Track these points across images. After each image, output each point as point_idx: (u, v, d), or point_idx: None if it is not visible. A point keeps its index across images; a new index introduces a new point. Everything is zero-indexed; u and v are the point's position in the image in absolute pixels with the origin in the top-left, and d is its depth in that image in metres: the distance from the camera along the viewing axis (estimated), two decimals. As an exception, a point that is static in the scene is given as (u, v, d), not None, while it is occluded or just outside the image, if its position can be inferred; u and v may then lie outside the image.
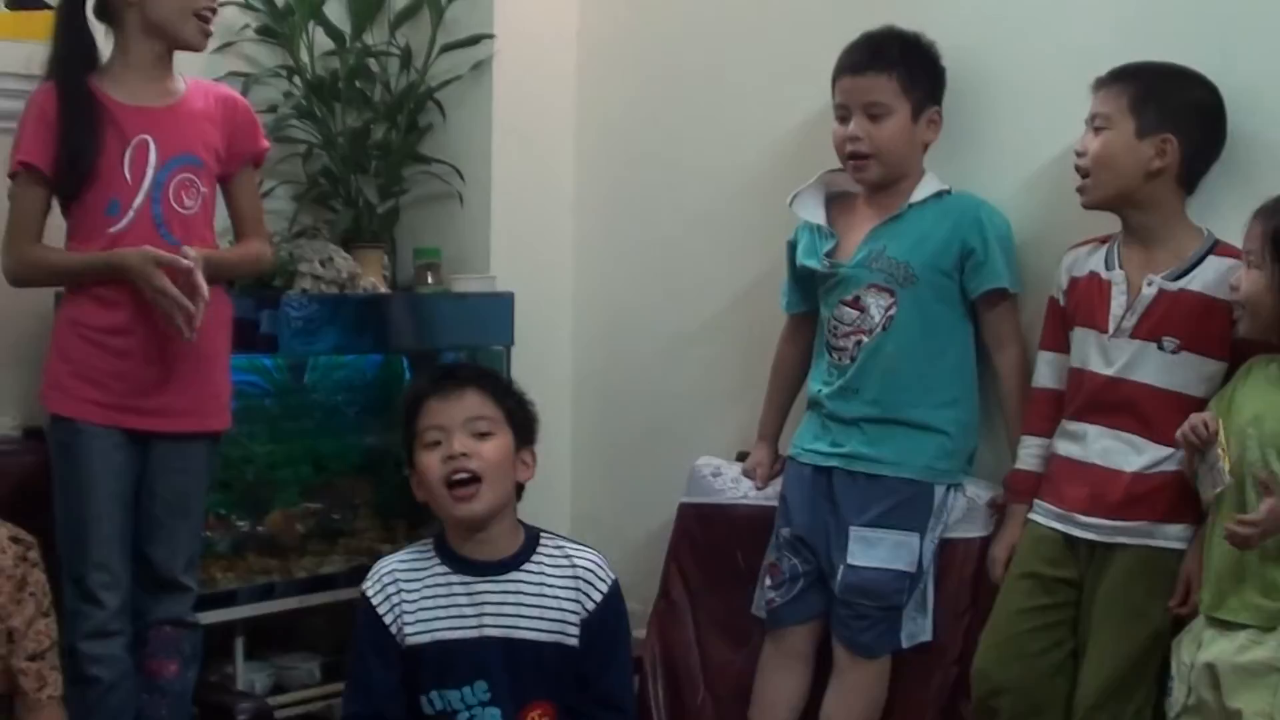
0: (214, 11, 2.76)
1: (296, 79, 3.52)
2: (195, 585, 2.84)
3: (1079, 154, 2.61)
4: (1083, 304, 2.65)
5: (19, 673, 2.46)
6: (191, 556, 2.83)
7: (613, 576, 2.52)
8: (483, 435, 2.45)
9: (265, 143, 2.94)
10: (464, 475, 2.42)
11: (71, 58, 2.73)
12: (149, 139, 2.71)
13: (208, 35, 2.77)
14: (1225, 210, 2.54)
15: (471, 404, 2.48)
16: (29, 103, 2.73)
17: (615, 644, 2.56)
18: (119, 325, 2.69)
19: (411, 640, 2.48)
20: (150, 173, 2.71)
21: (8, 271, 2.75)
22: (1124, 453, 2.54)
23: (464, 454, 2.43)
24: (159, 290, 2.60)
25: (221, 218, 2.89)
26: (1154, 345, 2.53)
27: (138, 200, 2.70)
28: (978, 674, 2.65)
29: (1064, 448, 2.64)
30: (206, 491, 2.89)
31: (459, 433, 2.44)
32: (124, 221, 2.69)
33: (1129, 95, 2.55)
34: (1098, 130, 2.57)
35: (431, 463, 2.45)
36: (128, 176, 2.70)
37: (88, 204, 2.70)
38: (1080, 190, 2.62)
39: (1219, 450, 2.31)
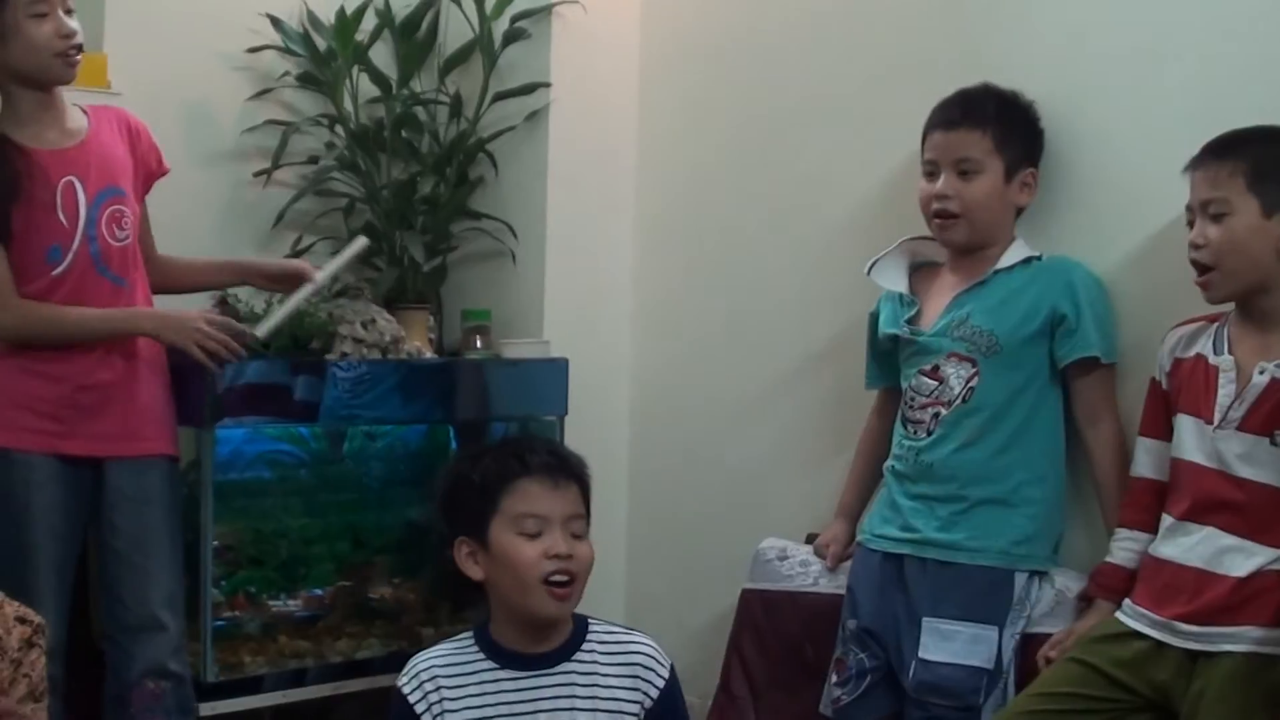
0: (77, 48, 2.91)
1: (339, 128, 3.61)
2: (177, 624, 2.96)
3: (1196, 245, 2.55)
4: (1187, 389, 2.61)
5: None
6: (171, 593, 2.96)
7: (669, 662, 2.52)
8: (578, 536, 2.46)
9: (167, 165, 3.11)
10: (564, 578, 2.43)
11: None
12: (74, 179, 2.91)
13: (75, 65, 2.94)
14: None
15: (573, 500, 2.47)
16: None
17: None
18: (52, 352, 2.88)
19: None
20: (83, 212, 2.91)
21: (7, 330, 2.88)
22: (1230, 556, 2.49)
23: (570, 555, 2.42)
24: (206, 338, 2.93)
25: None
26: (1266, 440, 2.48)
27: (75, 243, 2.90)
28: None
29: (1163, 548, 2.60)
30: (177, 525, 3.03)
31: (559, 529, 2.43)
32: (64, 264, 2.90)
33: (1244, 172, 2.50)
34: (1215, 217, 2.52)
35: (530, 555, 2.41)
36: (63, 220, 2.90)
37: (30, 252, 2.88)
38: (1205, 286, 2.55)
39: None
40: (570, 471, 2.49)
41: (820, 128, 3.38)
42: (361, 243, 3.28)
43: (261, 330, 3.07)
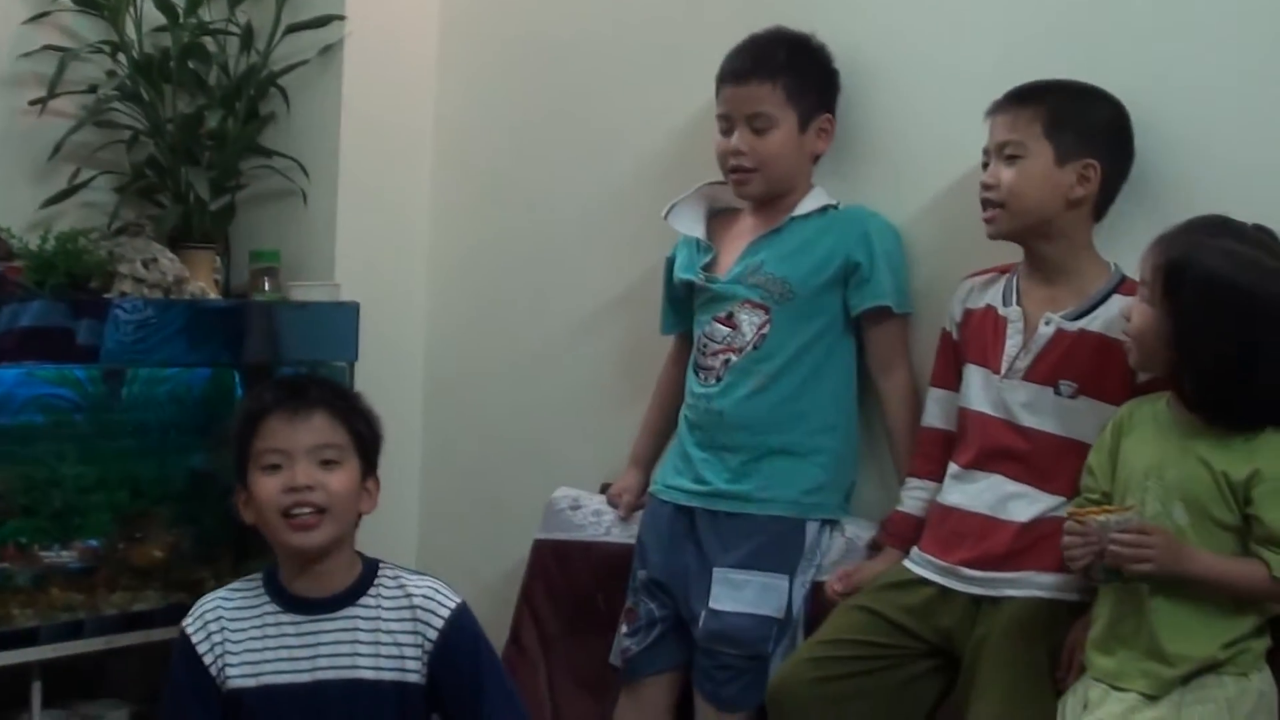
0: None
1: (121, 56, 3.48)
2: None
3: (988, 186, 2.61)
4: (975, 340, 2.67)
5: None
6: None
7: (456, 600, 2.50)
8: (329, 464, 2.45)
9: None
10: (305, 511, 2.43)
11: None
12: None
13: None
14: (1140, 239, 2.51)
15: (320, 428, 2.46)
16: None
17: (479, 671, 2.53)
18: None
19: (234, 684, 2.45)
20: None
21: None
22: (1014, 503, 2.56)
23: (308, 487, 2.42)
24: None
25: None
26: (1050, 390, 2.56)
27: None
28: (768, 700, 2.69)
29: (949, 495, 2.66)
30: None
31: (303, 460, 2.43)
32: None
33: (1042, 119, 2.56)
34: (1010, 159, 2.58)
35: (270, 490, 2.42)
36: None
37: None
38: (989, 221, 2.62)
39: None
40: (309, 398, 2.48)
41: (621, 70, 3.37)
42: None
43: None
